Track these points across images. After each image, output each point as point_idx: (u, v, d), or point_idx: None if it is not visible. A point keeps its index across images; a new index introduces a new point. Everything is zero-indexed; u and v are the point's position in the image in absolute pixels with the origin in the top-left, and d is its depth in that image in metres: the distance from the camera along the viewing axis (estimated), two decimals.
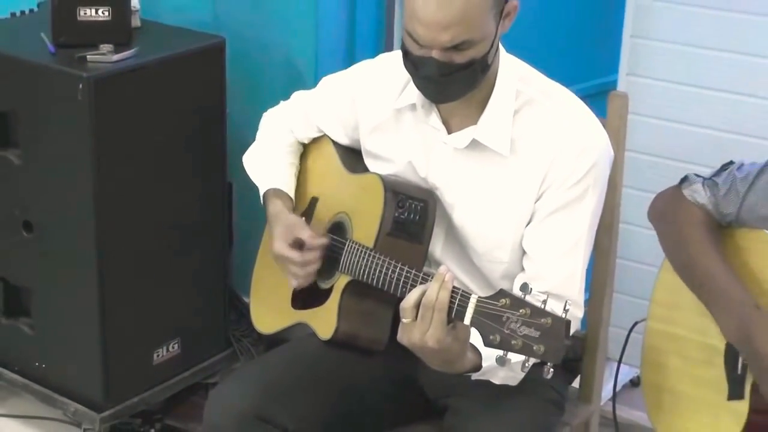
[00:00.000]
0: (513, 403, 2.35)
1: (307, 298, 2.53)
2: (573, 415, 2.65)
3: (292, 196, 2.65)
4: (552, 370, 2.02)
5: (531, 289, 2.05)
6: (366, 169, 2.55)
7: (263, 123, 2.76)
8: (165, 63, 3.16)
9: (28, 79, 3.12)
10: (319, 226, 2.57)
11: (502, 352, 2.04)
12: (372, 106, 2.52)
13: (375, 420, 2.51)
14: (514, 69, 2.40)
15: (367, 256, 2.36)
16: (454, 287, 2.12)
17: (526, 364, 2.05)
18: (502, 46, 2.38)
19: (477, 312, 2.07)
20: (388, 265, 2.31)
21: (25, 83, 3.12)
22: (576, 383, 2.71)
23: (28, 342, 3.33)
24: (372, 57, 2.64)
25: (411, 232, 2.39)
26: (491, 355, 2.11)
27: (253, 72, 3.51)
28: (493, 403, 2.35)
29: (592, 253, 2.46)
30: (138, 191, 3.15)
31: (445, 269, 2.13)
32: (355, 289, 2.41)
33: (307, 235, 2.47)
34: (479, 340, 2.13)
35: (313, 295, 2.51)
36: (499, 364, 2.06)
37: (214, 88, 3.28)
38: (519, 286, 2.07)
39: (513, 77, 2.38)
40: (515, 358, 2.04)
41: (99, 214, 3.07)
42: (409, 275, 2.26)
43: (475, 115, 2.38)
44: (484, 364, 2.23)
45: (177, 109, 3.19)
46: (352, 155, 2.60)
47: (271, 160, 2.68)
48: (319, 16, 3.40)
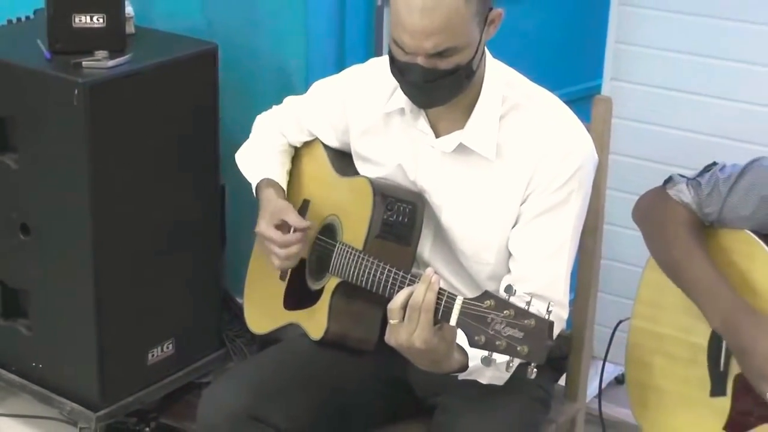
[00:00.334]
0: (500, 401, 2.35)
1: (299, 299, 2.53)
2: (559, 412, 2.65)
3: (284, 188, 2.64)
4: (535, 370, 2.02)
5: (515, 290, 2.05)
6: (356, 173, 2.54)
7: (256, 126, 2.76)
8: (159, 69, 3.16)
9: (25, 85, 3.11)
10: (309, 229, 2.57)
11: (487, 353, 2.04)
12: (362, 110, 2.52)
13: (365, 418, 2.51)
14: (500, 74, 2.40)
15: (356, 258, 2.35)
16: (440, 289, 2.12)
17: (511, 365, 2.05)
18: (488, 52, 2.38)
19: (462, 313, 2.07)
20: (377, 267, 2.31)
21: (21, 89, 3.12)
22: (562, 381, 2.71)
23: (25, 343, 3.32)
24: (361, 63, 2.64)
25: (399, 234, 2.39)
26: (477, 355, 2.11)
27: (245, 77, 3.51)
28: (480, 402, 2.35)
29: (577, 253, 2.46)
30: (133, 194, 3.14)
31: (431, 271, 2.13)
32: (345, 290, 2.40)
33: (293, 219, 2.47)
34: (466, 340, 2.13)
35: (304, 296, 2.51)
36: (484, 365, 2.06)
37: (207, 92, 3.28)
38: (504, 287, 2.07)
39: (499, 82, 2.38)
40: (500, 358, 2.04)
41: (95, 217, 3.07)
42: (398, 277, 2.26)
43: (462, 120, 2.38)
44: (471, 364, 2.22)
45: (171, 114, 3.19)
46: (343, 158, 2.60)
47: (264, 157, 2.68)
48: (309, 23, 3.40)
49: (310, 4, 3.39)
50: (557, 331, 2.32)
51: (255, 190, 2.64)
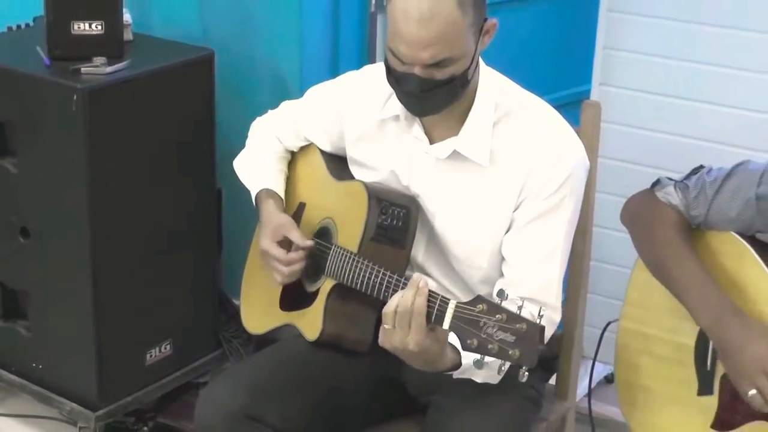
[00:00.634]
0: (492, 400, 2.35)
1: (295, 300, 2.53)
2: (550, 411, 2.66)
3: (282, 197, 2.64)
4: (527, 373, 2.03)
5: (507, 294, 2.06)
6: (351, 177, 2.55)
7: (252, 131, 2.76)
8: (156, 75, 3.15)
9: (25, 91, 3.11)
10: (306, 230, 2.57)
11: (479, 356, 2.04)
12: (357, 116, 2.52)
13: (360, 417, 2.51)
14: (493, 82, 2.40)
15: (351, 261, 2.36)
16: (432, 293, 2.13)
17: (502, 368, 2.06)
18: (481, 60, 2.39)
19: (455, 317, 2.08)
20: (371, 270, 2.31)
21: (21, 94, 3.11)
22: (553, 381, 2.71)
23: (25, 344, 3.32)
24: (355, 68, 2.64)
25: (394, 238, 2.39)
26: (470, 354, 2.12)
27: (240, 83, 3.51)
28: (473, 401, 2.35)
29: None
30: (131, 198, 3.14)
31: (419, 276, 2.15)
32: (340, 292, 2.41)
33: (296, 236, 2.47)
34: (458, 343, 2.14)
35: (300, 298, 2.51)
36: (476, 367, 2.07)
37: (204, 98, 3.28)
38: (496, 291, 2.07)
39: (492, 90, 2.39)
40: (492, 361, 2.05)
41: (93, 220, 3.06)
42: (392, 280, 2.27)
43: (456, 127, 2.38)
44: (464, 362, 2.23)
45: (168, 119, 3.19)
46: (338, 163, 2.60)
47: (262, 165, 2.68)
48: (303, 29, 3.40)
49: (304, 10, 3.39)
50: (549, 335, 2.32)
51: (255, 200, 2.64)
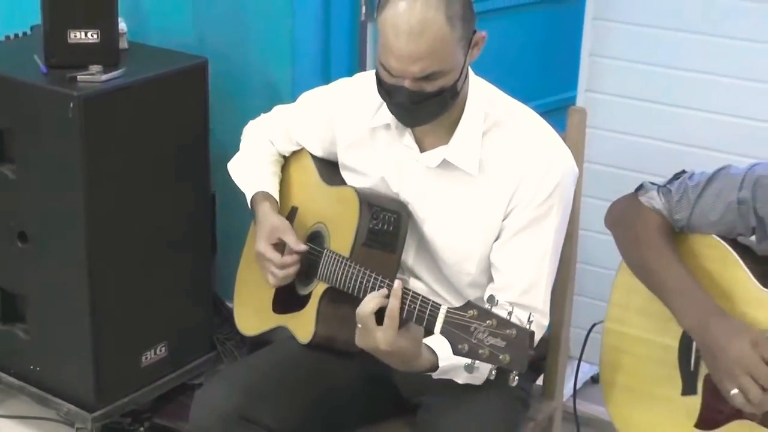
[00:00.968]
0: (481, 400, 2.36)
1: (287, 303, 2.53)
2: (537, 410, 2.67)
3: (277, 199, 2.64)
4: (517, 378, 2.03)
5: (497, 300, 2.07)
6: (343, 182, 2.55)
7: (246, 134, 2.76)
8: (151, 82, 3.16)
9: (22, 98, 3.11)
10: (298, 234, 2.57)
11: (470, 361, 2.05)
12: (349, 123, 2.52)
13: (353, 418, 2.52)
14: (482, 92, 2.40)
15: (343, 265, 2.36)
16: (423, 298, 2.14)
17: (493, 371, 2.06)
18: (471, 70, 2.39)
19: (446, 322, 2.09)
20: (362, 274, 2.31)
21: (19, 102, 3.11)
22: (540, 381, 2.72)
23: (23, 346, 3.32)
24: (346, 75, 2.65)
25: (384, 243, 2.40)
26: (450, 356, 2.13)
27: (234, 90, 3.51)
28: (462, 401, 2.36)
29: None
30: (126, 202, 3.14)
31: (399, 283, 2.16)
32: (332, 295, 2.41)
33: (291, 240, 2.48)
34: (441, 343, 2.15)
35: (293, 301, 2.52)
36: (467, 372, 2.08)
37: (198, 105, 3.28)
38: (487, 297, 2.08)
39: (482, 100, 2.39)
40: (482, 365, 2.05)
41: (90, 225, 3.07)
42: (383, 284, 2.27)
43: (447, 136, 2.39)
44: (442, 365, 2.24)
45: (163, 125, 3.19)
46: (330, 168, 2.61)
47: (256, 167, 2.68)
48: (295, 37, 3.40)
49: (296, 18, 3.39)
50: (537, 339, 2.33)
51: (250, 202, 2.64)
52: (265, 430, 2.36)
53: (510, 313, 2.03)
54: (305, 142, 2.65)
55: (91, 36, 3.12)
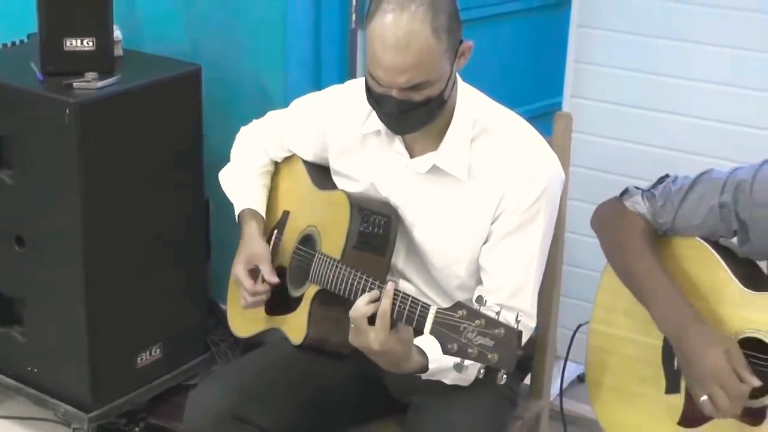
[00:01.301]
0: (469, 399, 2.36)
1: (280, 305, 2.53)
2: (525, 409, 2.67)
3: (264, 216, 2.65)
4: (505, 376, 2.03)
5: (486, 301, 2.07)
6: (334, 186, 2.55)
7: (238, 141, 2.76)
8: (146, 89, 3.16)
9: (19, 105, 3.12)
10: (290, 238, 2.58)
11: (459, 360, 2.06)
12: (340, 130, 2.53)
13: (344, 417, 2.52)
14: (471, 99, 2.41)
15: (334, 268, 2.36)
16: (414, 299, 2.14)
17: (482, 371, 2.06)
18: (459, 77, 2.39)
19: (436, 322, 2.09)
20: (353, 276, 2.31)
21: (16, 109, 3.12)
22: (528, 380, 2.73)
23: (20, 348, 3.32)
24: (337, 81, 2.65)
25: (375, 245, 2.40)
26: (439, 357, 2.14)
27: (227, 96, 3.52)
28: (451, 400, 2.36)
29: None
30: (122, 207, 3.15)
31: (391, 284, 2.17)
32: (324, 297, 2.41)
33: (266, 270, 2.51)
34: (431, 345, 2.16)
35: (285, 303, 2.52)
36: (456, 371, 2.08)
37: (192, 111, 3.29)
38: (475, 298, 2.09)
39: (470, 107, 2.39)
40: (471, 364, 2.06)
41: (86, 229, 3.07)
42: (374, 286, 2.26)
43: (436, 142, 2.39)
44: (432, 366, 2.25)
45: (157, 132, 3.20)
46: (321, 173, 2.61)
47: (246, 181, 2.69)
48: (287, 45, 3.40)
49: (288, 26, 3.40)
50: (525, 339, 2.34)
51: (237, 218, 2.65)
52: (258, 430, 2.36)
53: (498, 314, 2.04)
54: (297, 148, 2.65)
55: (87, 44, 3.12)
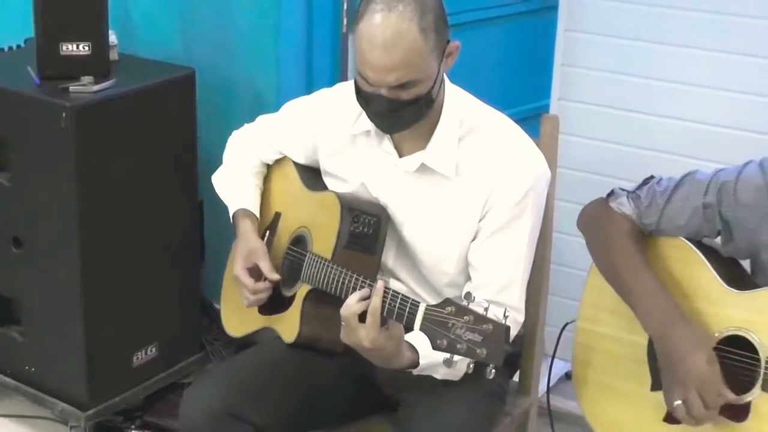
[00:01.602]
0: (459, 396, 2.37)
1: (272, 305, 2.53)
2: (514, 406, 2.67)
3: (257, 215, 2.65)
4: (494, 371, 2.04)
5: (474, 297, 2.07)
6: (324, 187, 2.55)
7: (230, 145, 2.76)
8: (141, 92, 3.16)
9: (16, 109, 3.11)
10: (282, 239, 2.59)
11: (448, 355, 2.06)
12: (330, 131, 2.53)
13: (336, 414, 2.52)
14: (458, 99, 2.41)
15: (325, 267, 2.37)
16: (403, 296, 2.15)
17: (470, 366, 2.07)
18: (447, 78, 2.40)
19: (425, 319, 2.10)
20: (344, 275, 2.32)
21: (13, 112, 3.12)
22: (516, 377, 2.73)
23: (18, 348, 3.31)
24: (328, 84, 2.65)
25: (365, 245, 2.40)
26: (430, 353, 2.15)
27: (220, 100, 3.51)
28: (441, 397, 2.37)
29: None
30: (117, 209, 3.14)
31: (381, 282, 2.17)
32: (316, 296, 2.41)
33: (265, 267, 2.50)
34: (421, 341, 2.16)
35: (278, 302, 2.52)
36: (446, 366, 2.09)
37: (186, 114, 3.28)
38: (464, 294, 2.10)
39: (457, 107, 2.40)
40: (460, 359, 2.07)
41: (82, 231, 3.07)
42: (364, 284, 2.27)
43: (424, 142, 2.40)
44: (422, 362, 2.26)
45: (152, 135, 3.19)
46: (312, 174, 2.61)
47: (239, 182, 2.69)
48: (280, 49, 3.41)
49: (281, 31, 3.40)
50: (513, 335, 2.34)
51: (232, 218, 2.65)
52: (252, 427, 2.36)
53: (486, 309, 2.04)
54: (288, 150, 2.65)
55: (83, 48, 3.12)
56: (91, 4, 3.11)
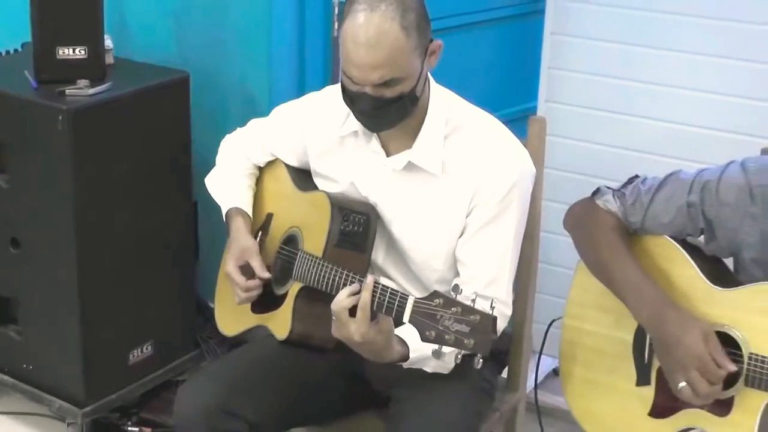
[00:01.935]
0: (448, 392, 2.37)
1: (265, 303, 2.53)
2: (502, 401, 2.68)
3: (250, 214, 2.65)
4: (481, 360, 2.04)
5: (462, 290, 2.08)
6: (315, 188, 2.55)
7: (222, 149, 2.76)
8: (136, 96, 3.16)
9: (14, 112, 3.10)
10: (274, 238, 2.58)
11: (437, 346, 2.06)
12: (319, 133, 2.53)
13: (327, 410, 2.53)
14: (443, 99, 2.42)
15: (316, 265, 2.37)
16: (392, 290, 2.15)
17: (459, 356, 2.07)
18: (433, 79, 2.41)
19: (414, 311, 2.10)
20: (335, 273, 2.32)
21: (11, 115, 3.11)
22: (505, 374, 2.73)
23: (16, 346, 3.31)
24: (320, 88, 2.65)
25: (355, 243, 2.40)
26: (420, 347, 2.15)
27: (214, 102, 3.51)
28: (430, 392, 2.37)
29: None
30: (113, 210, 3.14)
31: (371, 277, 2.17)
32: (307, 294, 2.41)
33: (257, 265, 2.49)
34: (411, 334, 2.16)
35: (270, 301, 2.52)
36: (435, 357, 2.09)
37: (180, 117, 3.28)
38: (452, 287, 2.10)
39: (443, 106, 2.41)
40: (448, 350, 2.07)
41: (79, 231, 3.06)
42: (354, 280, 2.27)
43: (410, 140, 2.40)
44: (412, 355, 2.26)
45: (147, 137, 3.19)
46: (302, 175, 2.61)
47: (232, 182, 2.69)
48: (272, 53, 3.40)
49: (273, 35, 3.39)
50: (501, 327, 2.35)
51: (225, 217, 2.65)
52: (245, 423, 2.36)
53: (473, 301, 2.05)
54: (279, 153, 2.65)
55: (79, 52, 3.12)
56: (86, 9, 3.11)
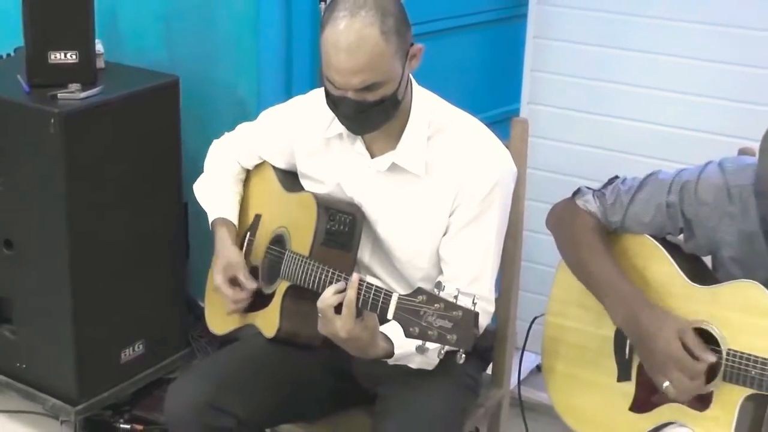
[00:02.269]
0: (433, 388, 2.37)
1: (254, 302, 2.53)
2: (487, 397, 2.67)
3: (235, 223, 2.66)
4: (464, 356, 2.04)
5: (444, 286, 2.08)
6: (301, 188, 2.55)
7: (211, 153, 2.75)
8: (127, 99, 3.15)
9: (7, 116, 3.10)
10: (262, 239, 2.58)
11: (421, 342, 2.06)
12: (305, 136, 2.53)
13: (315, 407, 2.52)
14: (426, 101, 2.42)
15: (303, 264, 2.36)
16: (377, 287, 2.15)
17: (442, 352, 2.08)
18: (415, 82, 2.41)
19: (398, 308, 2.10)
20: (321, 271, 2.32)
21: (3, 119, 3.10)
22: (489, 370, 2.73)
23: (10, 346, 3.30)
24: (306, 92, 2.65)
25: (341, 242, 2.40)
26: (404, 343, 2.15)
27: (203, 106, 3.50)
28: (416, 390, 2.37)
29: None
30: (105, 211, 3.13)
31: (356, 275, 2.17)
32: (295, 292, 2.41)
33: (243, 278, 2.51)
34: (395, 331, 2.16)
35: (259, 300, 2.51)
36: (418, 353, 2.09)
37: (170, 120, 3.27)
38: (435, 284, 2.10)
39: (425, 108, 2.40)
40: (432, 346, 2.07)
41: (71, 233, 3.06)
42: (339, 278, 2.27)
43: (394, 142, 2.40)
44: (397, 351, 2.26)
45: (138, 140, 3.18)
46: (289, 177, 2.61)
47: (218, 191, 2.69)
48: (260, 57, 3.40)
49: (261, 40, 3.39)
50: (484, 323, 2.35)
51: (210, 226, 2.65)
52: (234, 419, 2.35)
53: (456, 298, 2.05)
54: (267, 155, 2.65)
55: (70, 57, 3.11)
56: (78, 14, 3.11)
